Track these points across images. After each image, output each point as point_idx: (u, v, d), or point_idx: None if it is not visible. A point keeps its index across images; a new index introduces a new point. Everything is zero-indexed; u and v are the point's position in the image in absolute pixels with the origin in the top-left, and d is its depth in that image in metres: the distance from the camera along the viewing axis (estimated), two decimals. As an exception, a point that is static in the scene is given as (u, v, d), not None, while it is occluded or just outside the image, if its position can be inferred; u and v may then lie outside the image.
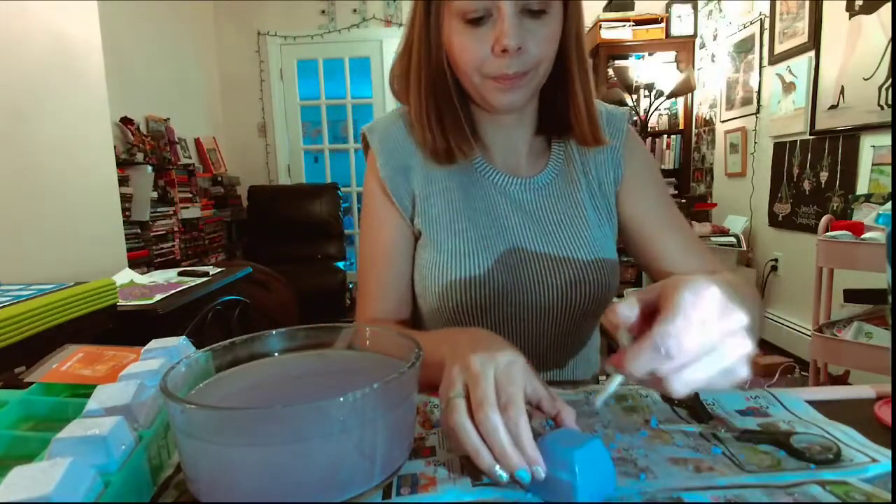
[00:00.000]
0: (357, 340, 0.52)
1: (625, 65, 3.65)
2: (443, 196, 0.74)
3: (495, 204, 0.75)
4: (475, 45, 0.63)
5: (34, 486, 0.31)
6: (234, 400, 0.43)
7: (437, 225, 0.74)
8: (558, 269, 0.72)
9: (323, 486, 0.35)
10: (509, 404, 0.40)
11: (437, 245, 0.73)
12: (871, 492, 0.37)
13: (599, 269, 0.73)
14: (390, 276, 0.75)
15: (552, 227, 0.74)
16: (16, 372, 0.66)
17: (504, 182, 0.75)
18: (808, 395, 0.53)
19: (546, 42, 0.64)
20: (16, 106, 1.73)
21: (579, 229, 0.74)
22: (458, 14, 0.63)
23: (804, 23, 2.61)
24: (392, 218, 0.75)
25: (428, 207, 0.74)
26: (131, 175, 2.72)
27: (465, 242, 0.72)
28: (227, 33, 4.14)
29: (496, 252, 0.72)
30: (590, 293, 0.72)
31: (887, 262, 0.50)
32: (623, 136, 0.78)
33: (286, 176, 4.34)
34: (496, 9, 0.61)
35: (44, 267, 1.77)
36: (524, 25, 0.62)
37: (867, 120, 2.23)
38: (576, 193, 0.76)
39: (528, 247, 0.73)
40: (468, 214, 0.73)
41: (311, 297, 3.20)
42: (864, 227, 1.84)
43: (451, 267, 0.71)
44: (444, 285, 0.71)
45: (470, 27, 0.63)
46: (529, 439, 0.38)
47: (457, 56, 0.66)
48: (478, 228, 0.73)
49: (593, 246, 0.74)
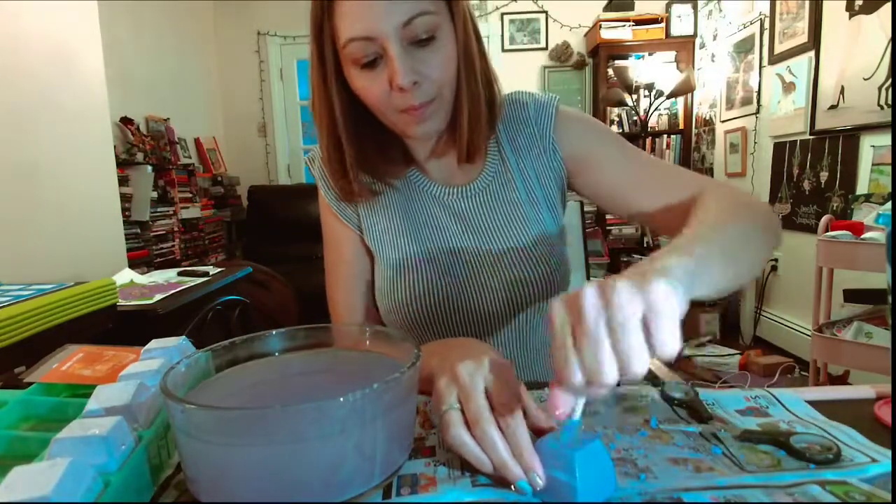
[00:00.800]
0: (357, 340, 0.52)
1: (625, 65, 3.65)
2: (384, 213, 0.77)
3: (434, 215, 0.76)
4: (374, 86, 0.63)
5: (34, 487, 0.31)
6: (234, 400, 0.43)
7: (381, 242, 0.77)
8: (498, 272, 0.74)
9: (323, 486, 0.35)
10: (506, 413, 0.41)
11: (383, 261, 0.76)
12: (871, 492, 0.37)
13: (541, 265, 0.74)
14: (356, 294, 0.79)
15: (490, 232, 0.75)
16: (16, 372, 0.66)
17: (440, 193, 0.77)
18: (808, 395, 0.53)
19: (442, 67, 0.63)
20: (16, 106, 1.73)
21: (517, 229, 0.75)
22: (351, 61, 0.63)
23: (804, 23, 2.61)
24: (348, 237, 0.79)
25: (372, 225, 0.78)
26: (131, 175, 2.72)
27: (407, 257, 0.75)
28: (226, 33, 4.13)
29: (438, 263, 0.75)
30: (534, 291, 0.74)
31: (887, 262, 0.50)
32: (552, 121, 0.76)
33: (286, 176, 4.33)
34: (383, 49, 0.61)
35: (44, 267, 1.77)
36: (416, 57, 0.61)
37: (867, 120, 2.23)
38: (511, 193, 0.76)
39: (468, 254, 0.75)
40: (409, 228, 0.76)
41: (311, 297, 3.17)
42: (864, 227, 1.83)
43: (396, 282, 0.74)
44: (393, 300, 0.75)
45: (366, 71, 0.63)
46: (528, 447, 0.39)
47: (362, 96, 0.66)
48: (419, 242, 0.75)
49: (532, 244, 0.74)
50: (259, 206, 3.78)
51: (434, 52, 0.62)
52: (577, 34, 3.97)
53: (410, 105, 0.63)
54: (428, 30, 0.61)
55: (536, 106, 0.78)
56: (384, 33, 0.59)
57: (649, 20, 3.67)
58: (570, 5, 3.91)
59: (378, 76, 0.62)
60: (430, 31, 0.61)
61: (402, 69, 0.60)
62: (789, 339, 2.82)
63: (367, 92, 0.64)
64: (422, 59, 0.62)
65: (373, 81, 0.63)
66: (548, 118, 0.77)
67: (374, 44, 0.60)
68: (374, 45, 0.60)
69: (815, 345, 1.92)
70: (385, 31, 0.59)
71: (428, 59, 0.62)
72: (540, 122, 0.77)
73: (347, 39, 0.61)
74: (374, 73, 0.63)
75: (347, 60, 0.63)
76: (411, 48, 0.61)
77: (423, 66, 0.62)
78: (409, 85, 0.61)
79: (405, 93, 0.62)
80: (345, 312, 0.80)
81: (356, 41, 0.60)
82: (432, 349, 0.54)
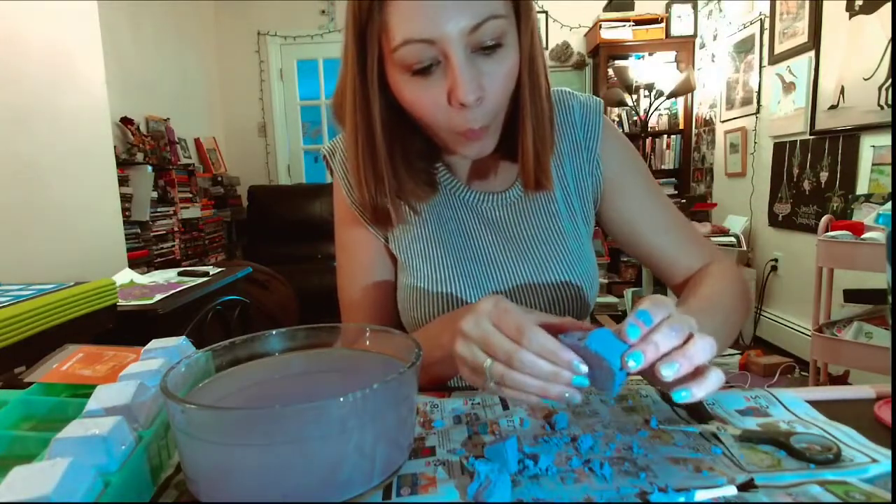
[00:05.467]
0: (357, 340, 0.52)
1: (625, 65, 3.65)
2: (414, 219, 0.70)
3: (467, 224, 0.71)
4: (426, 97, 0.55)
5: (34, 486, 0.31)
6: (234, 400, 0.43)
7: (411, 250, 0.70)
8: (536, 291, 0.69)
9: (323, 486, 0.35)
10: (519, 334, 0.42)
11: (412, 271, 0.69)
12: (871, 492, 0.37)
13: (577, 285, 0.69)
14: (374, 297, 0.73)
15: (527, 244, 0.70)
16: (16, 372, 0.66)
17: (474, 200, 0.71)
18: (808, 395, 0.53)
19: (507, 80, 0.56)
20: (16, 106, 1.73)
21: (555, 244, 0.70)
22: (401, 66, 0.54)
23: (804, 23, 2.61)
24: (367, 239, 0.72)
25: (402, 232, 0.70)
26: (131, 175, 2.72)
27: (439, 269, 0.68)
28: (227, 33, 4.13)
29: (471, 276, 0.69)
30: (566, 308, 0.70)
31: (887, 262, 0.50)
32: (599, 132, 0.72)
33: (286, 176, 4.34)
34: (443, 56, 0.52)
35: (44, 267, 1.77)
36: (479, 68, 0.54)
37: (867, 120, 2.23)
38: (550, 204, 0.71)
39: (503, 268, 0.69)
40: (441, 238, 0.69)
41: (311, 297, 3.20)
42: (864, 227, 1.84)
43: (427, 295, 0.68)
44: (422, 313, 0.68)
45: (417, 78, 0.54)
46: (558, 348, 0.41)
47: (410, 108, 0.57)
48: (452, 253, 0.69)
49: (570, 261, 0.70)
50: (259, 206, 3.78)
51: (499, 63, 0.55)
52: (577, 34, 3.97)
53: (469, 128, 0.56)
54: (495, 36, 0.53)
55: (583, 110, 0.72)
56: (448, 37, 0.51)
57: (649, 20, 3.67)
58: (570, 5, 3.91)
59: (432, 86, 0.54)
60: (498, 37, 0.53)
61: (466, 82, 0.52)
62: (789, 339, 2.82)
63: (418, 104, 0.56)
64: (486, 70, 0.54)
65: (425, 91, 0.55)
66: (595, 128, 0.72)
67: (433, 48, 0.52)
68: (432, 49, 0.52)
69: (815, 345, 1.92)
70: (449, 35, 0.51)
71: (493, 70, 0.54)
72: (587, 131, 0.72)
73: (402, 41, 0.52)
74: (427, 81, 0.54)
75: (395, 65, 0.54)
76: (474, 56, 0.53)
77: (488, 79, 0.54)
78: (473, 101, 0.53)
79: (465, 109, 0.54)
80: (360, 312, 0.73)
81: (412, 44, 0.52)
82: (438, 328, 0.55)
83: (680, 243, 0.72)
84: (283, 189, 4.01)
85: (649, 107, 3.58)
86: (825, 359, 1.93)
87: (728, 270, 0.69)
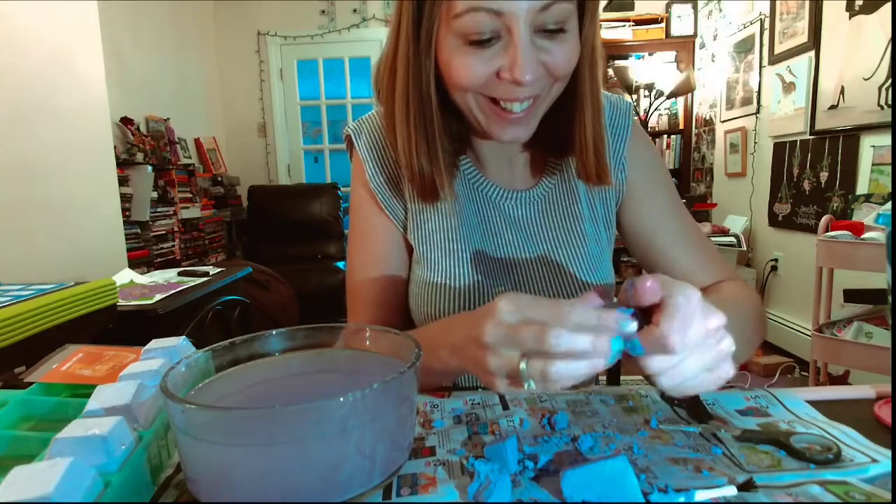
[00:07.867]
0: (357, 340, 0.52)
1: (625, 65, 3.65)
2: (436, 211, 0.69)
3: (489, 220, 0.70)
4: (477, 67, 0.55)
5: (34, 486, 0.31)
6: (234, 400, 0.43)
7: (429, 243, 0.68)
8: (553, 293, 0.68)
9: (323, 486, 0.35)
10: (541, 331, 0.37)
11: (430, 264, 0.68)
12: (871, 492, 0.37)
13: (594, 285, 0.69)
14: (384, 286, 0.70)
15: (548, 245, 0.69)
16: (16, 372, 0.66)
17: (497, 196, 0.70)
18: (808, 395, 0.53)
19: (564, 61, 0.56)
20: (16, 106, 1.73)
21: (577, 246, 0.69)
22: (459, 34, 0.54)
23: (804, 23, 2.62)
24: (385, 226, 0.70)
25: (421, 223, 0.69)
26: (131, 175, 2.72)
27: (459, 264, 0.67)
28: (227, 33, 4.13)
29: (491, 273, 0.68)
30: None
31: (887, 262, 0.50)
32: (627, 134, 0.71)
33: (286, 176, 4.34)
34: (506, 31, 0.53)
35: (44, 267, 1.77)
36: (538, 45, 0.54)
37: (867, 120, 2.23)
38: (574, 205, 0.70)
39: (524, 267, 0.69)
40: (462, 233, 0.68)
41: (311, 297, 3.20)
42: (864, 227, 1.84)
43: (444, 289, 0.67)
44: (436, 309, 0.67)
45: (473, 48, 0.54)
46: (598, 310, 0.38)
47: (453, 75, 0.57)
48: (472, 248, 0.68)
49: (590, 264, 0.69)
50: (259, 206, 3.78)
51: (560, 44, 0.55)
52: (577, 34, 3.97)
53: (514, 97, 0.56)
54: (560, 20, 0.53)
55: (612, 109, 0.71)
56: (516, 12, 0.51)
57: (649, 20, 3.67)
58: (570, 5, 3.91)
59: (486, 58, 0.54)
60: (562, 22, 0.53)
61: (526, 59, 0.52)
62: (789, 339, 2.82)
63: (465, 71, 0.55)
64: (545, 48, 0.54)
65: (477, 60, 0.54)
66: (623, 130, 0.71)
67: (498, 21, 0.52)
68: (496, 21, 0.52)
69: (815, 345, 1.92)
70: (517, 11, 0.51)
71: (552, 49, 0.54)
72: (614, 132, 0.71)
73: (468, 8, 0.52)
74: (482, 52, 0.54)
75: (453, 32, 0.54)
76: (536, 37, 0.54)
77: (546, 56, 0.54)
78: (530, 81, 0.53)
79: (514, 85, 0.54)
80: (365, 315, 0.71)
81: (479, 13, 0.52)
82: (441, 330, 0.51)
83: (697, 258, 0.70)
84: (283, 189, 4.01)
85: (649, 107, 3.58)
86: (825, 359, 1.93)
87: (745, 290, 0.68)
